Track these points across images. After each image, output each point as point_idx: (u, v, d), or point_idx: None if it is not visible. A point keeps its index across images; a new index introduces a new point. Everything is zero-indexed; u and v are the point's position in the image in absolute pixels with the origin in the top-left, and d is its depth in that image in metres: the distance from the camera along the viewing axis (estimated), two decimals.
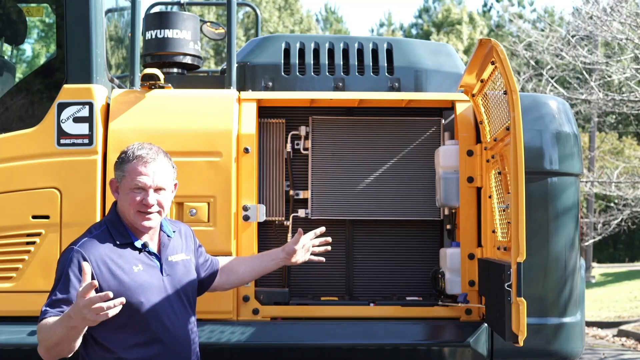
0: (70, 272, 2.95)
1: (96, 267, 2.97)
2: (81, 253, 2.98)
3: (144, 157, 3.12)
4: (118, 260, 3.03)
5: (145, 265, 3.08)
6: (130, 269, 3.04)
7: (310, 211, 4.20)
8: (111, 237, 3.07)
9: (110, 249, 3.04)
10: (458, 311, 3.96)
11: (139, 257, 3.09)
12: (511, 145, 3.25)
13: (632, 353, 10.51)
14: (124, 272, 3.02)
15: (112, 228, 3.10)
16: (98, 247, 3.02)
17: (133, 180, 3.11)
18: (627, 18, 10.61)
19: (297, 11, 31.01)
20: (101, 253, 3.01)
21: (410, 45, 4.48)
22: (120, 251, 3.05)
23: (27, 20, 5.00)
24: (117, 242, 3.06)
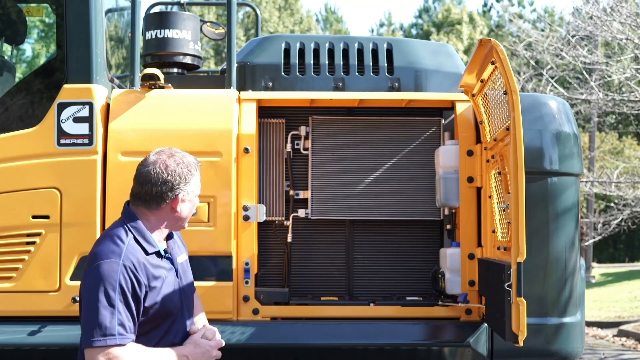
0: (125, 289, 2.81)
1: (143, 279, 2.88)
2: (129, 267, 2.85)
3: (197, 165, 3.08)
4: (152, 270, 2.96)
5: (167, 271, 3.04)
6: (160, 276, 2.98)
7: (310, 211, 4.20)
8: (140, 246, 2.95)
9: (144, 259, 2.93)
10: (458, 311, 3.96)
11: (163, 264, 3.03)
12: (511, 145, 3.25)
13: (632, 353, 10.50)
14: (157, 281, 2.96)
15: (138, 236, 2.98)
16: (137, 256, 2.90)
17: (199, 188, 3.09)
18: (627, 18, 10.61)
19: (297, 11, 31.00)
20: (141, 262, 2.90)
21: (410, 45, 4.48)
22: (150, 260, 2.97)
23: (27, 20, 4.99)
24: (147, 251, 2.97)
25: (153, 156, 3.01)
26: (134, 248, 2.91)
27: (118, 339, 2.76)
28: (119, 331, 2.76)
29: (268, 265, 4.22)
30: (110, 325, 2.77)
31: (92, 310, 2.81)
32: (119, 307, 2.79)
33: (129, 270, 2.84)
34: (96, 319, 2.79)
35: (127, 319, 2.80)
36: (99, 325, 2.78)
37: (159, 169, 2.96)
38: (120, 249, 2.88)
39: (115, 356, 2.76)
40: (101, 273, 2.83)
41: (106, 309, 2.79)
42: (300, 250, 4.27)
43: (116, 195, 3.87)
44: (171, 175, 2.96)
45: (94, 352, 2.79)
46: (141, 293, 2.85)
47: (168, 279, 3.01)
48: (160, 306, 2.92)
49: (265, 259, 4.22)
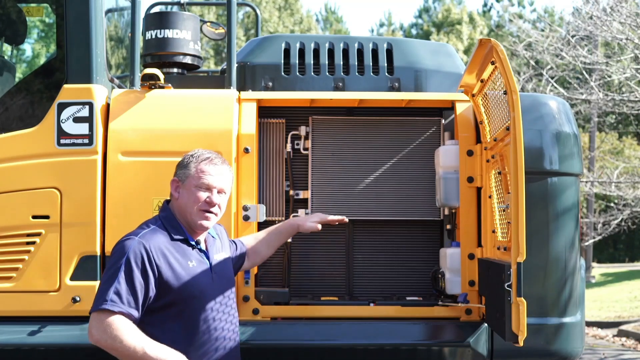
0: (133, 263, 2.99)
1: (156, 257, 3.03)
2: (142, 243, 3.02)
3: (213, 159, 3.24)
4: (175, 254, 3.09)
5: (198, 262, 3.15)
6: (186, 263, 3.11)
7: (310, 211, 4.20)
8: (167, 232, 3.13)
9: (167, 242, 3.10)
10: (458, 311, 3.96)
11: (193, 254, 3.16)
12: (511, 145, 3.25)
13: (632, 353, 10.51)
14: (180, 265, 3.08)
15: (167, 224, 3.16)
16: (157, 238, 3.08)
17: (201, 179, 3.19)
18: (627, 18, 10.61)
19: (297, 11, 31.00)
20: (160, 245, 3.07)
21: (410, 45, 4.48)
22: (177, 245, 3.12)
23: (27, 20, 4.99)
24: (173, 237, 3.13)
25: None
26: (158, 231, 3.12)
27: (108, 304, 2.92)
28: (112, 298, 2.93)
29: (268, 265, 4.22)
30: (106, 293, 2.94)
31: (100, 283, 3.03)
32: (120, 277, 2.96)
33: (142, 246, 3.02)
34: (99, 289, 3.02)
35: (126, 290, 2.95)
36: (99, 294, 2.99)
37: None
38: (142, 230, 3.12)
39: (102, 321, 2.92)
40: (115, 250, 3.08)
41: (109, 280, 2.98)
42: (300, 250, 4.26)
43: (116, 195, 3.87)
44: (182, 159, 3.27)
45: (91, 319, 2.97)
46: (151, 269, 3.00)
47: (197, 268, 3.13)
48: (182, 290, 3.05)
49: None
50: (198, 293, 3.10)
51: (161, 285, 3.03)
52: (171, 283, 3.04)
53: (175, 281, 3.05)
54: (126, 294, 2.95)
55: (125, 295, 2.95)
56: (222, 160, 3.27)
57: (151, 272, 3.01)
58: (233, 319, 3.28)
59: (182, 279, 3.07)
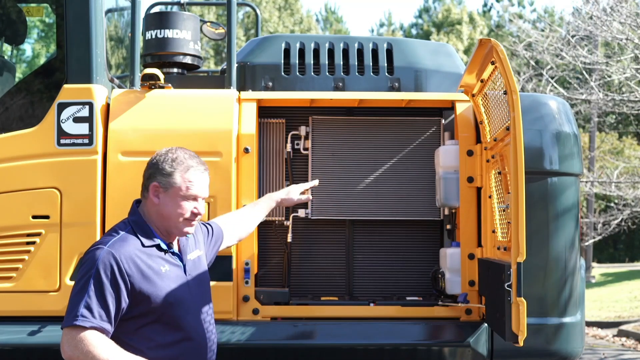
0: (102, 274, 2.85)
1: (127, 266, 2.90)
2: (112, 253, 2.89)
3: (196, 166, 3.09)
4: (147, 261, 2.98)
5: (171, 266, 3.05)
6: (158, 269, 2.99)
7: (310, 211, 4.20)
8: (137, 238, 2.99)
9: (138, 249, 2.97)
10: (458, 311, 3.96)
11: (165, 258, 3.04)
12: (511, 145, 3.25)
13: (632, 353, 10.50)
14: (153, 272, 2.97)
15: (137, 229, 3.03)
16: (127, 247, 2.94)
17: (189, 190, 3.04)
18: (627, 18, 10.61)
19: (297, 11, 30.99)
20: (130, 253, 2.93)
21: (410, 45, 4.48)
22: (148, 251, 2.99)
23: (27, 20, 4.99)
24: (144, 244, 2.99)
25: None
26: (128, 239, 2.97)
27: (79, 320, 2.80)
28: (82, 313, 2.81)
29: (268, 265, 4.22)
30: (77, 308, 2.83)
31: (70, 296, 2.89)
32: (89, 291, 2.84)
33: (112, 256, 2.88)
34: (69, 304, 2.87)
35: (96, 304, 2.83)
36: (69, 308, 2.86)
37: (152, 157, 3.09)
38: (111, 238, 2.96)
39: (73, 337, 2.81)
40: (84, 260, 2.94)
41: (79, 294, 2.86)
42: (300, 250, 4.27)
43: (116, 195, 3.87)
44: (156, 160, 3.06)
45: (63, 335, 2.85)
46: (121, 280, 2.87)
47: (171, 272, 3.02)
48: (157, 297, 2.94)
49: (265, 259, 4.22)
50: (173, 299, 3.00)
51: (134, 295, 2.90)
52: (145, 292, 2.92)
53: (149, 290, 2.93)
54: (97, 307, 2.82)
55: (97, 309, 2.82)
56: (203, 165, 3.14)
57: (122, 283, 2.87)
58: (210, 318, 3.20)
59: (156, 287, 2.96)
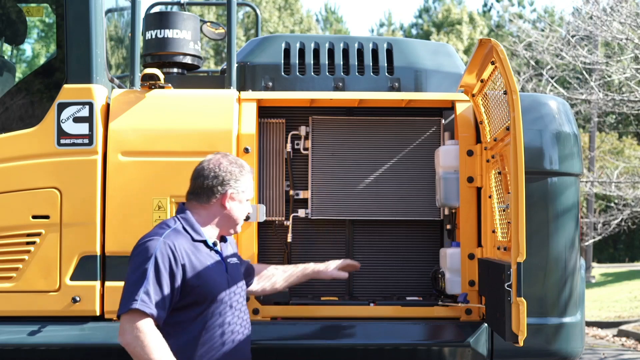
0: (160, 263, 2.99)
1: (181, 257, 3.05)
2: (168, 243, 3.03)
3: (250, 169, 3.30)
4: (197, 254, 3.12)
5: (215, 263, 3.19)
6: (206, 263, 3.14)
7: (310, 211, 4.20)
8: (187, 233, 3.14)
9: (189, 242, 3.12)
10: (458, 311, 3.96)
11: (210, 254, 3.19)
12: (511, 145, 3.25)
13: (632, 353, 10.51)
14: (202, 265, 3.12)
15: (186, 225, 3.16)
16: (180, 239, 3.09)
17: (251, 192, 3.30)
18: (627, 18, 10.60)
19: (297, 11, 30.98)
20: (183, 245, 3.09)
21: (410, 45, 4.48)
22: (197, 246, 3.15)
23: (27, 20, 4.99)
24: (193, 238, 3.15)
25: (209, 156, 3.26)
26: (179, 232, 3.12)
27: (139, 304, 2.92)
28: (142, 298, 2.94)
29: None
30: (136, 292, 2.94)
31: (126, 284, 3.01)
32: (149, 278, 2.97)
33: (168, 247, 3.03)
34: (126, 290, 3.00)
35: (154, 291, 2.96)
36: (127, 295, 2.97)
37: (212, 165, 3.20)
38: (164, 230, 3.11)
39: (133, 323, 2.92)
40: (139, 250, 3.06)
41: (138, 281, 2.97)
42: (300, 250, 4.26)
43: (116, 195, 3.87)
44: (222, 171, 3.19)
45: (122, 319, 2.97)
46: (177, 269, 3.02)
47: (215, 269, 3.16)
48: (204, 290, 3.08)
49: (265, 259, 4.22)
50: (217, 294, 3.14)
51: (185, 285, 3.05)
52: (194, 284, 3.07)
53: (198, 282, 3.08)
54: (155, 294, 2.96)
55: (154, 296, 2.96)
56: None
57: (177, 272, 3.03)
58: (246, 322, 3.32)
59: (204, 280, 3.10)
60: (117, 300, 3.83)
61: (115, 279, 3.87)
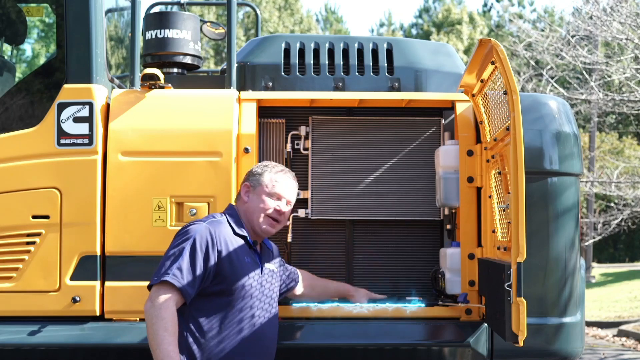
0: (198, 244, 3.17)
1: (219, 244, 3.20)
2: (209, 229, 3.22)
3: (286, 172, 3.52)
4: (235, 246, 3.27)
5: (252, 261, 3.33)
6: (243, 257, 3.28)
7: (310, 211, 4.20)
8: (230, 226, 3.33)
9: (230, 234, 3.31)
10: (458, 311, 3.95)
11: (249, 252, 3.35)
12: (511, 145, 3.25)
13: (632, 353, 10.51)
14: (237, 258, 3.25)
15: (231, 220, 3.36)
16: (222, 228, 3.29)
17: (274, 187, 3.44)
18: (627, 18, 10.61)
19: (297, 11, 30.98)
20: (224, 234, 3.27)
21: (410, 45, 4.48)
22: (237, 239, 3.32)
23: (27, 20, 4.99)
24: (235, 231, 3.33)
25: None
26: (223, 222, 3.32)
27: (170, 277, 3.08)
28: (174, 272, 3.09)
29: None
30: (170, 267, 3.12)
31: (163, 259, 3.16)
32: (184, 255, 3.13)
33: (209, 231, 3.20)
34: (161, 264, 3.16)
35: (187, 268, 3.11)
36: (160, 268, 3.14)
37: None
38: (208, 219, 3.33)
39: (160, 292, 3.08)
40: (181, 232, 3.26)
41: (172, 257, 3.14)
42: (300, 250, 4.26)
43: (116, 195, 3.87)
44: (253, 169, 3.50)
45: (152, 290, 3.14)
46: (213, 253, 3.17)
47: (251, 266, 3.30)
48: (235, 281, 3.21)
49: None
50: (248, 288, 3.26)
51: (218, 271, 3.19)
52: (227, 271, 3.20)
53: (231, 271, 3.21)
54: (187, 271, 3.11)
55: (186, 272, 3.11)
56: (293, 176, 3.55)
57: (212, 257, 3.18)
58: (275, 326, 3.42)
59: (237, 271, 3.23)
60: (117, 300, 3.88)
61: (115, 279, 3.87)
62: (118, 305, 3.87)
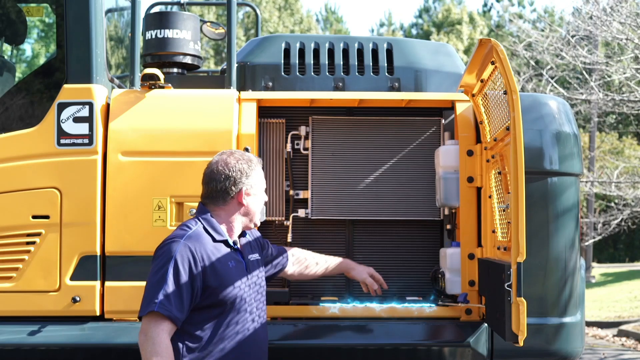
0: (180, 266, 3.06)
1: (200, 259, 3.10)
2: (188, 246, 3.09)
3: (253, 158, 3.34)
4: (218, 255, 3.17)
5: (236, 262, 3.25)
6: (226, 264, 3.19)
7: (310, 211, 4.20)
8: (208, 234, 3.20)
9: (210, 244, 3.18)
10: (458, 311, 3.96)
11: (231, 254, 3.24)
12: (511, 145, 3.25)
13: (632, 353, 10.51)
14: (222, 266, 3.17)
15: (207, 226, 3.22)
16: (201, 241, 3.15)
17: (264, 182, 3.39)
18: (627, 18, 10.60)
19: (297, 11, 30.98)
20: (204, 247, 3.14)
21: (410, 45, 4.48)
22: (218, 246, 3.20)
23: (27, 20, 4.99)
24: (215, 238, 3.20)
25: (215, 157, 3.31)
26: (200, 234, 3.17)
27: (158, 306, 2.99)
28: (162, 301, 3.00)
29: None
30: (156, 295, 3.01)
31: (147, 285, 3.08)
32: (168, 280, 3.05)
33: (188, 249, 3.08)
34: (147, 291, 3.07)
35: (173, 293, 3.02)
36: (148, 297, 3.04)
37: (221, 167, 3.24)
38: (185, 232, 3.16)
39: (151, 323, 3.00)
40: (160, 253, 3.12)
41: (158, 283, 3.04)
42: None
43: (116, 195, 3.87)
44: (232, 171, 3.24)
45: (143, 321, 3.04)
46: (197, 272, 3.07)
47: (236, 268, 3.21)
48: (224, 290, 3.13)
49: None
50: (238, 294, 3.19)
51: (206, 286, 3.10)
52: (215, 285, 3.12)
53: (219, 283, 3.13)
54: (174, 297, 3.02)
55: (174, 298, 3.02)
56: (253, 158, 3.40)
57: (197, 274, 3.08)
58: (264, 320, 3.37)
59: (225, 280, 3.15)
60: (117, 300, 3.87)
61: (115, 279, 3.87)
62: (118, 305, 3.87)
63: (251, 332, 3.24)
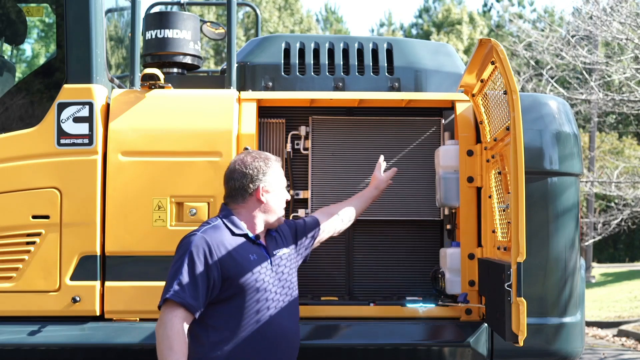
0: (195, 256, 3.14)
1: (217, 250, 3.18)
2: (204, 238, 3.18)
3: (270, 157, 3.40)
4: (237, 247, 3.23)
5: (259, 256, 3.29)
6: (247, 256, 3.24)
7: (310, 211, 4.20)
8: (228, 229, 3.27)
9: (229, 237, 3.25)
10: (458, 311, 3.95)
11: (253, 248, 3.30)
12: (511, 145, 3.25)
13: (632, 353, 10.51)
14: (242, 258, 3.22)
15: (227, 222, 3.29)
16: (218, 233, 3.23)
17: (283, 179, 3.43)
18: (627, 18, 10.60)
19: (297, 11, 30.97)
20: (222, 238, 3.22)
21: (410, 45, 4.48)
22: (238, 240, 3.27)
23: (27, 20, 4.99)
24: (234, 232, 3.27)
25: (234, 157, 3.43)
26: (219, 227, 3.26)
27: (171, 294, 3.07)
28: (175, 289, 3.09)
29: None
30: (171, 285, 3.11)
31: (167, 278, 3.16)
32: (182, 271, 3.11)
33: (204, 240, 3.17)
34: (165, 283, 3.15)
35: (187, 282, 3.10)
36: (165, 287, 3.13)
37: (238, 165, 3.34)
38: (204, 227, 3.27)
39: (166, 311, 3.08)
40: (179, 247, 3.22)
41: (174, 275, 3.13)
42: None
43: (116, 195, 3.87)
44: (249, 169, 3.33)
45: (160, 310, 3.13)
46: (213, 262, 3.14)
47: (258, 261, 3.26)
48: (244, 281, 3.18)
49: None
50: (261, 283, 3.23)
51: (224, 277, 3.16)
52: (234, 275, 3.17)
53: (238, 273, 3.18)
54: (187, 286, 3.09)
55: (187, 287, 3.09)
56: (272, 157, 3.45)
57: (213, 265, 3.14)
58: (295, 314, 3.39)
59: (245, 271, 3.20)
60: (117, 300, 3.88)
61: (115, 279, 3.87)
62: (118, 305, 3.87)
63: (280, 326, 3.26)
